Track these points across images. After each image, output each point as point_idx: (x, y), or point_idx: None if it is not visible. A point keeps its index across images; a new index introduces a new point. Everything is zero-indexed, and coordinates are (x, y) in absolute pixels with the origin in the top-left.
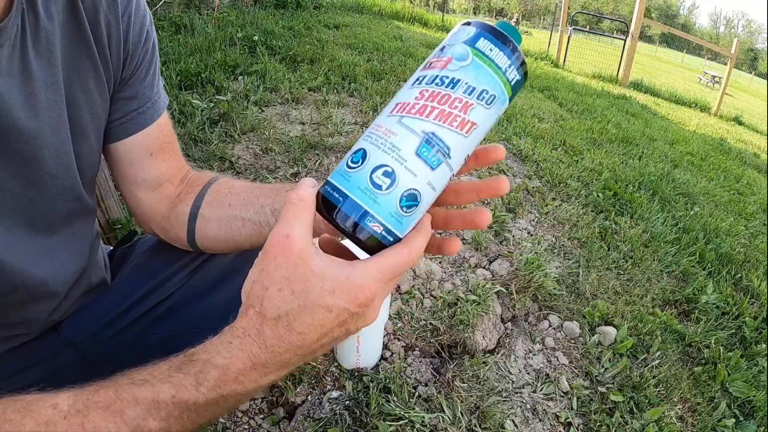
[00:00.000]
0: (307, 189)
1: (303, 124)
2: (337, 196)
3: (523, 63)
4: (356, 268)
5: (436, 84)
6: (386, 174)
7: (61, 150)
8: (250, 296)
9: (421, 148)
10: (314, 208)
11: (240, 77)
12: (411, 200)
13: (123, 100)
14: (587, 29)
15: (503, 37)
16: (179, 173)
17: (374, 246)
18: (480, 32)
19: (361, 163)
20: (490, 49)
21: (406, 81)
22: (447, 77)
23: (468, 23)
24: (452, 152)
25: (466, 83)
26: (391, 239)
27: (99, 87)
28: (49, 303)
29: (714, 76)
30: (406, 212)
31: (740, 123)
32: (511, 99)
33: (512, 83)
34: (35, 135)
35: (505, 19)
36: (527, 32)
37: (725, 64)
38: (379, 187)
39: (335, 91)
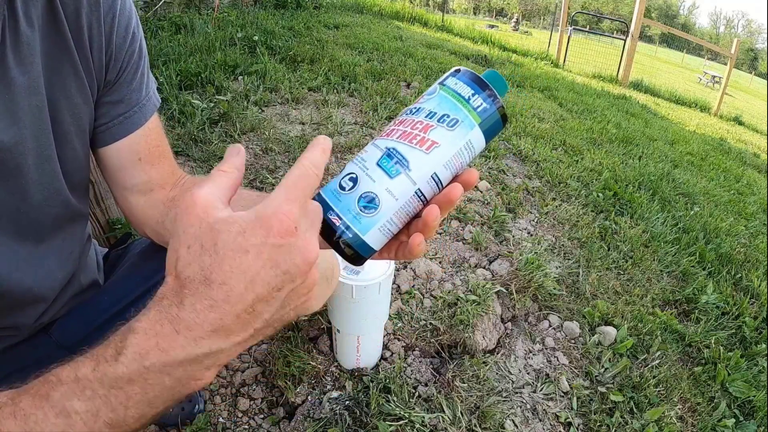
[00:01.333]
0: (233, 159)
1: (303, 124)
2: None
3: (495, 99)
4: (263, 203)
5: (407, 114)
6: (351, 179)
7: (44, 155)
8: (167, 265)
9: (382, 159)
10: (237, 174)
11: (240, 77)
12: (368, 201)
13: (109, 104)
14: (587, 29)
15: (477, 79)
16: (171, 178)
17: (336, 239)
18: (453, 74)
19: (339, 175)
20: (455, 83)
21: (405, 81)
22: (415, 108)
23: (457, 70)
24: (412, 165)
25: (428, 109)
26: (350, 235)
27: (81, 91)
28: (36, 308)
29: (714, 76)
30: (364, 212)
31: (740, 123)
32: (483, 127)
33: (478, 110)
34: (16, 142)
35: (494, 67)
36: (527, 32)
37: (725, 64)
38: (344, 189)
39: (335, 91)
